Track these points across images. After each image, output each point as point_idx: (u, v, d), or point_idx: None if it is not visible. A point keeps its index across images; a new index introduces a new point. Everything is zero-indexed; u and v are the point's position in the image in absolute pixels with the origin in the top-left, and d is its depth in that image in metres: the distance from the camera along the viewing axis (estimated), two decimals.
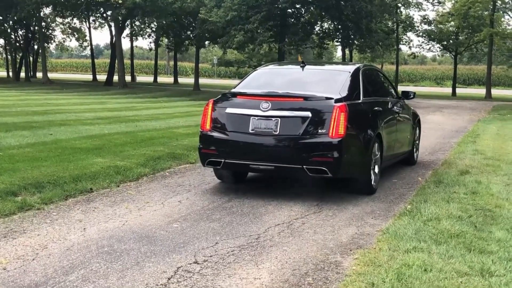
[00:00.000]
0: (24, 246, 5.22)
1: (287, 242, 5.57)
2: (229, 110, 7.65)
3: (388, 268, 4.74)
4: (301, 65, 8.65)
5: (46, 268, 4.66)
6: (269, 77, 8.82)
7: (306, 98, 7.46)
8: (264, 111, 7.32)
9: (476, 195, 7.65)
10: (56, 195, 7.04)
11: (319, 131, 7.23)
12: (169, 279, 4.51)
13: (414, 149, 10.63)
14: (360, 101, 8.03)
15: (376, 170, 8.09)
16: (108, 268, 4.70)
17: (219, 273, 4.65)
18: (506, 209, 6.87)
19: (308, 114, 7.28)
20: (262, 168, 7.59)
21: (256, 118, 7.37)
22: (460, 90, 52.83)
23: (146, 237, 5.59)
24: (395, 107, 9.55)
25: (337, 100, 7.34)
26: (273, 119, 7.31)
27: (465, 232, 5.81)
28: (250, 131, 7.41)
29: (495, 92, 49.23)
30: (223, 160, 7.55)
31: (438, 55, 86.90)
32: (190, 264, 4.86)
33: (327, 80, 8.40)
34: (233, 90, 8.03)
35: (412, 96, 10.23)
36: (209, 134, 7.72)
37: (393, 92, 10.06)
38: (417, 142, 10.98)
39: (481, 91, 50.38)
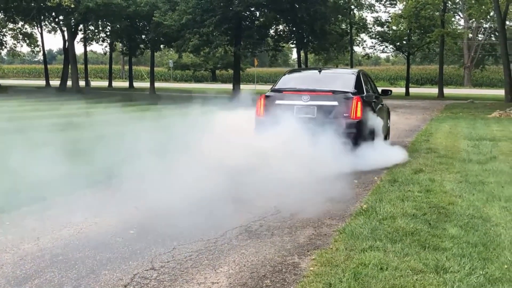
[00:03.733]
0: None
1: (245, 245, 5.57)
2: (278, 102, 10.55)
3: (345, 267, 4.79)
4: (318, 70, 12.11)
5: None
6: (298, 80, 12.01)
7: (333, 92, 10.40)
8: (305, 101, 10.31)
9: (430, 193, 7.79)
10: (9, 204, 6.88)
11: (344, 114, 10.15)
12: (125, 286, 4.46)
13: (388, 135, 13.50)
14: (364, 94, 10.81)
15: (375, 138, 10.85)
16: (62, 277, 4.62)
17: (176, 279, 4.62)
18: (459, 206, 7.02)
19: (336, 103, 10.23)
20: None
21: (299, 106, 10.29)
22: (413, 90, 53.68)
23: (102, 245, 5.51)
24: (379, 101, 12.38)
25: (353, 93, 10.35)
26: (312, 107, 10.24)
27: (419, 230, 5.92)
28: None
29: (447, 91, 50.25)
30: None
31: (392, 56, 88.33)
32: (147, 270, 4.82)
33: (340, 80, 11.25)
34: (276, 88, 10.96)
35: (390, 93, 13.18)
36: (263, 118, 10.42)
37: (376, 89, 12.77)
38: (389, 127, 13.87)
39: (434, 90, 51.32)
